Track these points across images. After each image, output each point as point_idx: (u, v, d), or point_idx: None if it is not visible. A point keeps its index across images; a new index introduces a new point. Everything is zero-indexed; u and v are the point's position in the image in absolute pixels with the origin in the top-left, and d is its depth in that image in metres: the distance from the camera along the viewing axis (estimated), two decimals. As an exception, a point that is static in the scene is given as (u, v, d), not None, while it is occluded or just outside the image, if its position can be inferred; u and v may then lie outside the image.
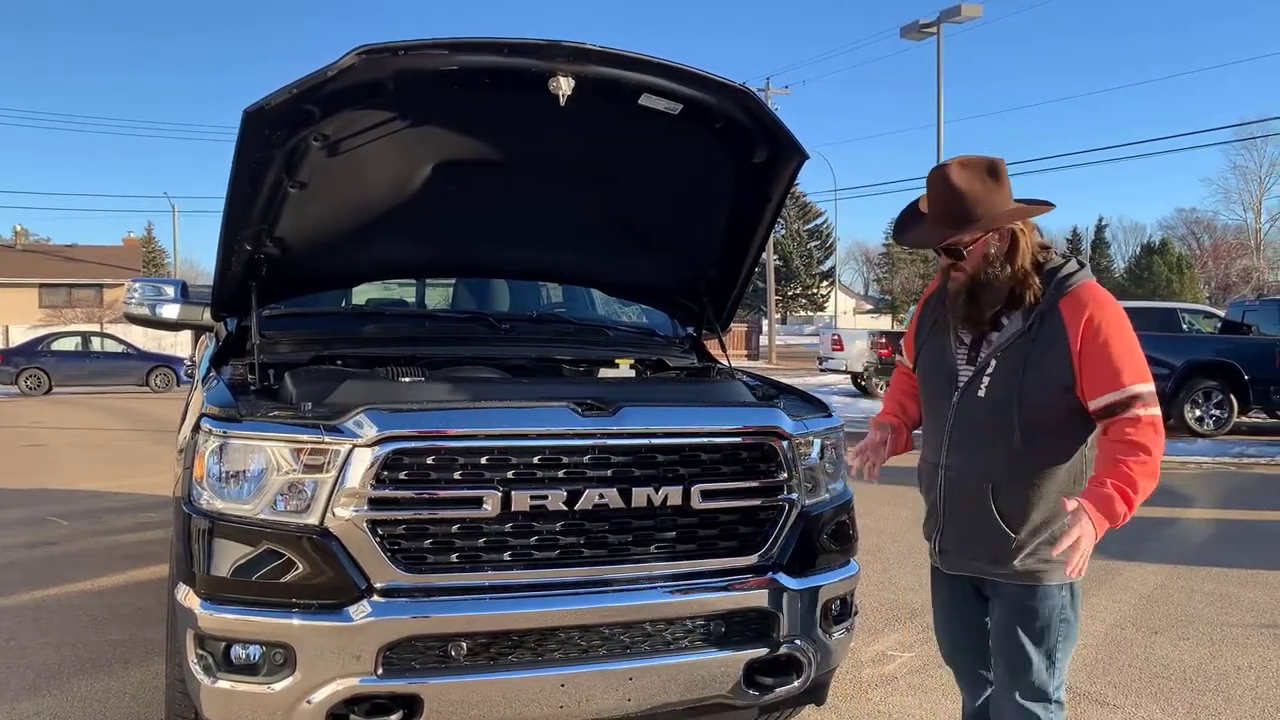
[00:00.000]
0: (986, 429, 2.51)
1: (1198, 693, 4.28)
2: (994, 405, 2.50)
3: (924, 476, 2.73)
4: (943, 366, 2.65)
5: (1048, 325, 2.46)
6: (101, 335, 29.62)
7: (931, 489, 2.68)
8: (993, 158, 2.52)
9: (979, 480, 2.53)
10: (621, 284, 4.36)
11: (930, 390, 2.72)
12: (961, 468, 2.57)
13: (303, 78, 2.87)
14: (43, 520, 8.00)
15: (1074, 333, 2.42)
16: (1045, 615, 2.54)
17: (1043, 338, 2.45)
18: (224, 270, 3.44)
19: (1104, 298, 2.49)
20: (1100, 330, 2.41)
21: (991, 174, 2.49)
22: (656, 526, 2.90)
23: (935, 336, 2.69)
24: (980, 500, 2.53)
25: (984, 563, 2.59)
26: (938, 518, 2.67)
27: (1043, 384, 2.45)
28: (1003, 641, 2.61)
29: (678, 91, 3.20)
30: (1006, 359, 2.50)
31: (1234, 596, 5.85)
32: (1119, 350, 2.41)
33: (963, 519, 2.60)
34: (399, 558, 2.69)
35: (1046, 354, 2.45)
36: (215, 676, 2.67)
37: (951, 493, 2.60)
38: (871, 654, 4.73)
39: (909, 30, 26.32)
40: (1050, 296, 2.48)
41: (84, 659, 4.60)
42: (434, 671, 2.70)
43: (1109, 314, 2.44)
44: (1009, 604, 2.58)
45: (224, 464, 2.76)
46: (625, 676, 2.83)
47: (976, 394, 2.54)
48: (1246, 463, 12.12)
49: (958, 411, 2.58)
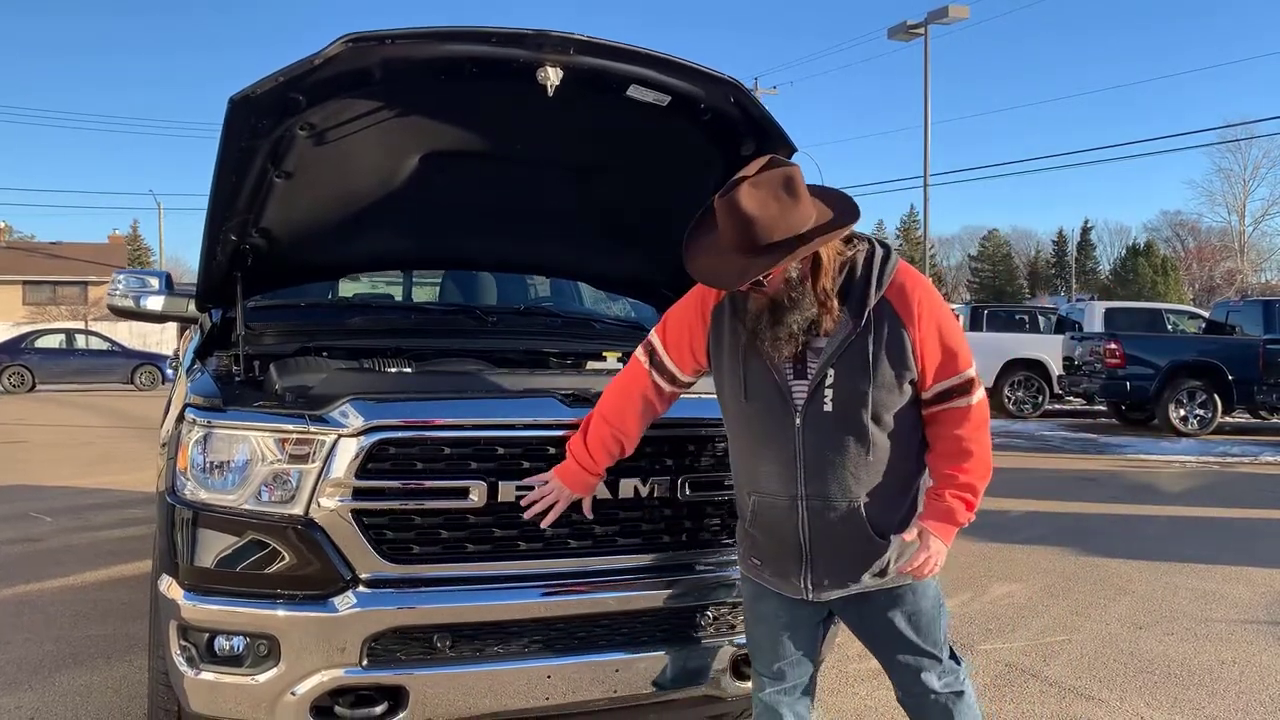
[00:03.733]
0: (843, 445, 2.34)
1: (1183, 687, 4.30)
2: (845, 417, 2.33)
3: (765, 513, 2.46)
4: (770, 388, 2.38)
5: (883, 318, 2.32)
6: (86, 333, 29.45)
7: (786, 524, 2.41)
8: (787, 169, 2.28)
9: (848, 501, 2.35)
10: (609, 277, 4.35)
11: (759, 417, 2.42)
12: (826, 494, 2.36)
13: (288, 65, 2.85)
14: (25, 516, 7.94)
15: (910, 321, 2.32)
16: (930, 607, 2.52)
17: (881, 332, 2.31)
18: (209, 261, 3.41)
19: (919, 278, 2.39)
20: (931, 314, 2.33)
21: (787, 189, 2.24)
22: (643, 518, 2.89)
23: (750, 358, 2.41)
24: (854, 522, 2.36)
25: (864, 579, 2.43)
26: (802, 553, 2.41)
27: (893, 380, 2.32)
28: (898, 645, 2.52)
29: (666, 83, 3.18)
30: (846, 363, 2.32)
31: (1218, 593, 5.89)
32: (950, 331, 2.35)
33: (835, 546, 2.40)
34: (384, 548, 2.67)
35: (890, 347, 2.31)
36: (199, 668, 2.64)
37: (818, 523, 2.38)
38: (858, 649, 4.71)
39: (896, 31, 26.37)
40: (875, 287, 2.33)
41: (65, 654, 4.56)
42: (419, 662, 2.68)
43: (930, 295, 2.36)
44: (892, 609, 2.48)
45: (208, 454, 2.74)
46: (611, 668, 2.82)
47: (822, 410, 2.33)
48: (1230, 462, 12.21)
49: (805, 434, 2.35)
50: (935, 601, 2.54)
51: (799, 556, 2.44)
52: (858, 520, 2.38)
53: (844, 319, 2.32)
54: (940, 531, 2.41)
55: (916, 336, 2.32)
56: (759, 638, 2.65)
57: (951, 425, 2.39)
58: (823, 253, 2.29)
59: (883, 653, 2.59)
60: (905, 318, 2.32)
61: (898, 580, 2.47)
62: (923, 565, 2.40)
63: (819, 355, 2.34)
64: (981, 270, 77.20)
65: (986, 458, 2.41)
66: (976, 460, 2.39)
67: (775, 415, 2.39)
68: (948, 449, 2.41)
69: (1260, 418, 16.40)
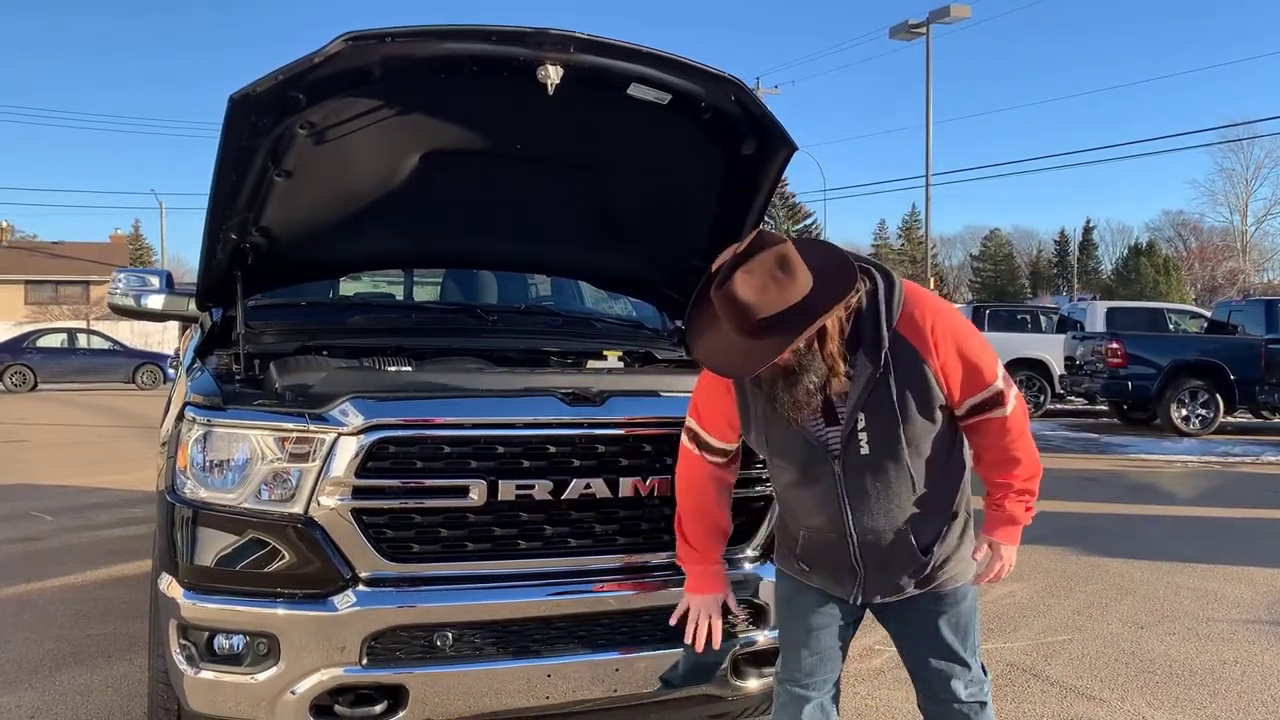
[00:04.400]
0: (885, 483, 2.38)
1: (1184, 687, 4.30)
2: (883, 458, 2.36)
3: (818, 544, 2.50)
4: (803, 445, 2.41)
5: (900, 355, 2.30)
6: (88, 332, 29.46)
7: (839, 552, 2.46)
8: (778, 248, 2.22)
9: (896, 531, 2.42)
10: (610, 276, 4.34)
11: (799, 469, 2.45)
12: (874, 528, 2.42)
13: (288, 64, 2.84)
14: (26, 515, 7.95)
15: (927, 352, 2.31)
16: (968, 609, 2.57)
17: (901, 369, 2.30)
18: (209, 260, 3.41)
19: (927, 299, 2.37)
20: (947, 337, 2.32)
21: (781, 268, 2.21)
22: (644, 516, 2.89)
23: (773, 422, 2.42)
24: (903, 545, 2.44)
25: (909, 589, 2.50)
26: (856, 574, 2.48)
27: (923, 414, 2.33)
28: (933, 647, 2.55)
29: (666, 81, 3.18)
30: (874, 407, 2.32)
31: (1219, 592, 5.88)
32: (971, 347, 2.35)
33: (886, 566, 2.47)
34: (384, 547, 2.67)
35: (912, 383, 2.31)
36: (198, 667, 2.64)
37: (870, 552, 2.45)
38: (858, 649, 4.73)
39: (898, 30, 26.38)
40: (887, 324, 2.30)
41: (65, 653, 4.56)
42: (419, 661, 2.68)
43: (943, 316, 2.35)
44: (934, 609, 2.52)
45: (208, 452, 2.73)
46: (612, 667, 2.82)
47: (859, 453, 2.36)
48: (1232, 462, 12.20)
49: (846, 479, 2.39)
50: (972, 606, 2.58)
51: (853, 574, 2.50)
52: (906, 544, 2.44)
53: (863, 363, 2.30)
54: (1007, 538, 2.50)
55: (937, 365, 2.32)
56: (793, 633, 2.66)
57: (992, 436, 2.42)
58: (827, 322, 2.26)
59: (917, 655, 2.60)
60: (922, 350, 2.31)
61: (940, 582, 2.51)
62: (999, 573, 2.52)
63: (846, 401, 2.35)
64: (983, 270, 77.17)
65: (1033, 459, 2.44)
66: (1024, 465, 2.43)
67: (814, 465, 2.42)
68: (994, 459, 2.45)
69: (1262, 417, 16.39)
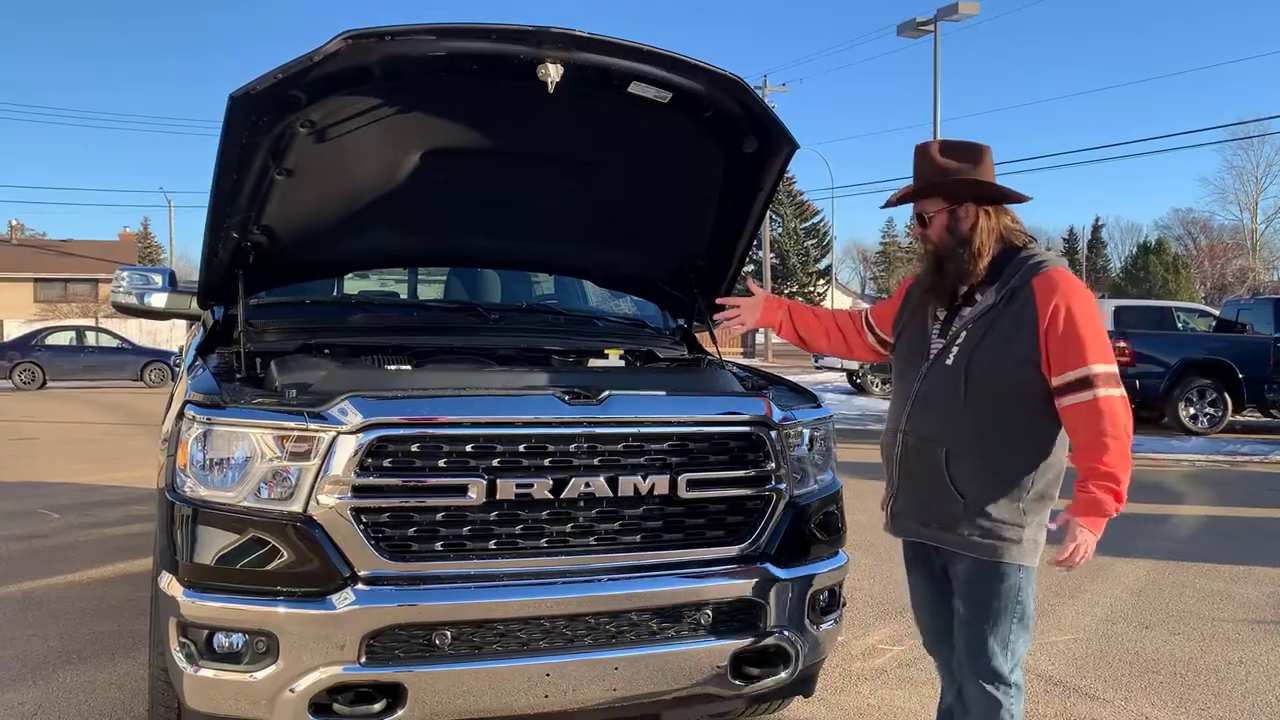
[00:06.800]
0: (946, 394, 2.60)
1: (1188, 687, 4.27)
2: (958, 370, 2.59)
3: (885, 446, 2.80)
4: (918, 340, 2.75)
5: (1018, 300, 2.55)
6: (96, 330, 29.53)
7: (890, 456, 2.76)
8: (981, 144, 2.66)
9: (934, 444, 2.62)
10: (611, 274, 4.34)
11: (903, 363, 2.80)
12: (918, 432, 2.66)
13: (288, 62, 2.85)
14: (32, 513, 7.97)
15: (1043, 309, 2.50)
16: (1002, 594, 2.59)
17: (1011, 311, 2.55)
18: (210, 258, 3.42)
19: (1076, 283, 2.57)
20: (1069, 310, 2.49)
21: (970, 156, 2.63)
22: (643, 515, 2.89)
23: (915, 316, 2.80)
24: (933, 465, 2.61)
25: (934, 529, 2.66)
26: (893, 483, 2.76)
27: (1000, 352, 2.53)
28: (959, 619, 2.68)
29: (667, 79, 3.18)
30: (978, 328, 2.59)
31: (1225, 592, 5.85)
32: (1085, 331, 2.48)
33: (916, 483, 2.69)
34: (383, 546, 2.67)
35: (1011, 326, 2.54)
36: (198, 665, 2.64)
37: (907, 456, 2.69)
38: (862, 647, 4.72)
39: (906, 28, 26.27)
40: (1024, 274, 2.57)
41: (70, 650, 4.58)
42: (418, 660, 2.68)
43: (1079, 298, 2.52)
44: (965, 581, 2.65)
45: (208, 451, 2.74)
46: (611, 666, 2.81)
47: (945, 362, 2.63)
48: (1240, 461, 12.14)
49: (925, 379, 2.67)
50: (1012, 594, 2.60)
51: (890, 487, 2.77)
52: (939, 468, 2.60)
53: (990, 293, 2.60)
54: (1088, 523, 2.53)
55: (1044, 321, 2.50)
56: (911, 597, 2.95)
57: (1085, 419, 2.49)
58: (983, 220, 2.62)
59: (955, 626, 2.73)
60: (1040, 306, 2.51)
61: (980, 552, 2.58)
62: (1072, 554, 2.53)
63: (961, 320, 2.64)
64: (991, 268, 76.71)
65: (1123, 453, 2.49)
66: (1115, 453, 2.48)
67: (913, 362, 2.73)
68: (1085, 442, 2.51)
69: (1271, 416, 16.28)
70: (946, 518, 2.62)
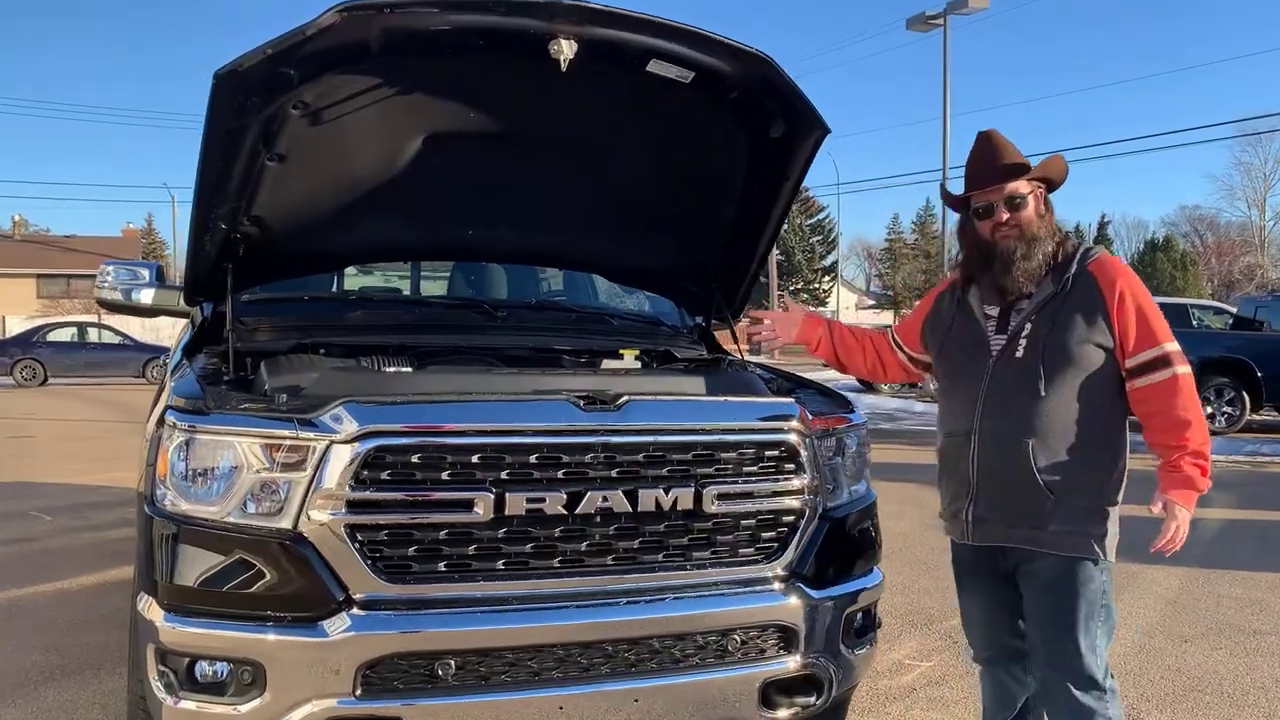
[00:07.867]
0: (1022, 388, 2.54)
1: (1237, 707, 4.03)
2: (1032, 362, 2.54)
3: (950, 452, 2.71)
4: (971, 339, 2.69)
5: (1080, 286, 2.55)
6: (98, 326, 29.36)
7: (961, 459, 2.64)
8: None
9: (1016, 438, 2.53)
10: (626, 269, 4.10)
11: (959, 364, 2.71)
12: (997, 429, 2.57)
13: (278, 37, 2.62)
14: (24, 515, 7.76)
15: (1109, 293, 2.52)
16: (1088, 595, 2.49)
17: (1075, 297, 2.54)
18: (197, 251, 3.19)
19: (1122, 265, 2.63)
20: (1133, 292, 2.53)
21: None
22: (665, 532, 2.65)
23: (959, 318, 2.74)
24: (1019, 460, 2.52)
25: (1023, 529, 2.55)
26: (970, 487, 2.63)
27: (1073, 338, 2.51)
28: (1043, 626, 2.54)
29: (689, 57, 2.94)
30: (1044, 317, 2.56)
31: (1264, 602, 5.60)
32: (1150, 311, 2.53)
33: (999, 483, 2.58)
34: (381, 566, 2.44)
35: (1079, 311, 2.52)
36: (178, 696, 2.43)
37: (986, 457, 2.59)
38: (889, 663, 4.48)
39: (915, 22, 25.98)
40: (1079, 260, 2.59)
41: (55, 665, 4.35)
42: (419, 692, 2.45)
43: (1136, 280, 2.58)
44: (1048, 582, 2.53)
45: (190, 461, 2.52)
46: (630, 697, 2.58)
47: (1014, 356, 2.57)
48: (1261, 461, 11.89)
49: (993, 376, 2.60)
50: (1098, 595, 2.51)
51: (967, 491, 2.63)
52: (1024, 461, 2.51)
53: (1047, 284, 2.58)
54: (1183, 499, 2.50)
55: (1113, 304, 2.50)
56: (964, 607, 2.84)
57: (1162, 398, 2.50)
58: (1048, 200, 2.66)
59: (1030, 632, 2.62)
60: (1105, 288, 2.52)
61: (1066, 550, 2.51)
62: (1174, 536, 2.49)
63: (1021, 314, 2.60)
64: (998, 265, 76.54)
65: (1204, 426, 2.52)
66: (1196, 428, 2.49)
67: (974, 360, 2.65)
68: (1165, 423, 2.51)
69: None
70: (1037, 516, 2.52)
